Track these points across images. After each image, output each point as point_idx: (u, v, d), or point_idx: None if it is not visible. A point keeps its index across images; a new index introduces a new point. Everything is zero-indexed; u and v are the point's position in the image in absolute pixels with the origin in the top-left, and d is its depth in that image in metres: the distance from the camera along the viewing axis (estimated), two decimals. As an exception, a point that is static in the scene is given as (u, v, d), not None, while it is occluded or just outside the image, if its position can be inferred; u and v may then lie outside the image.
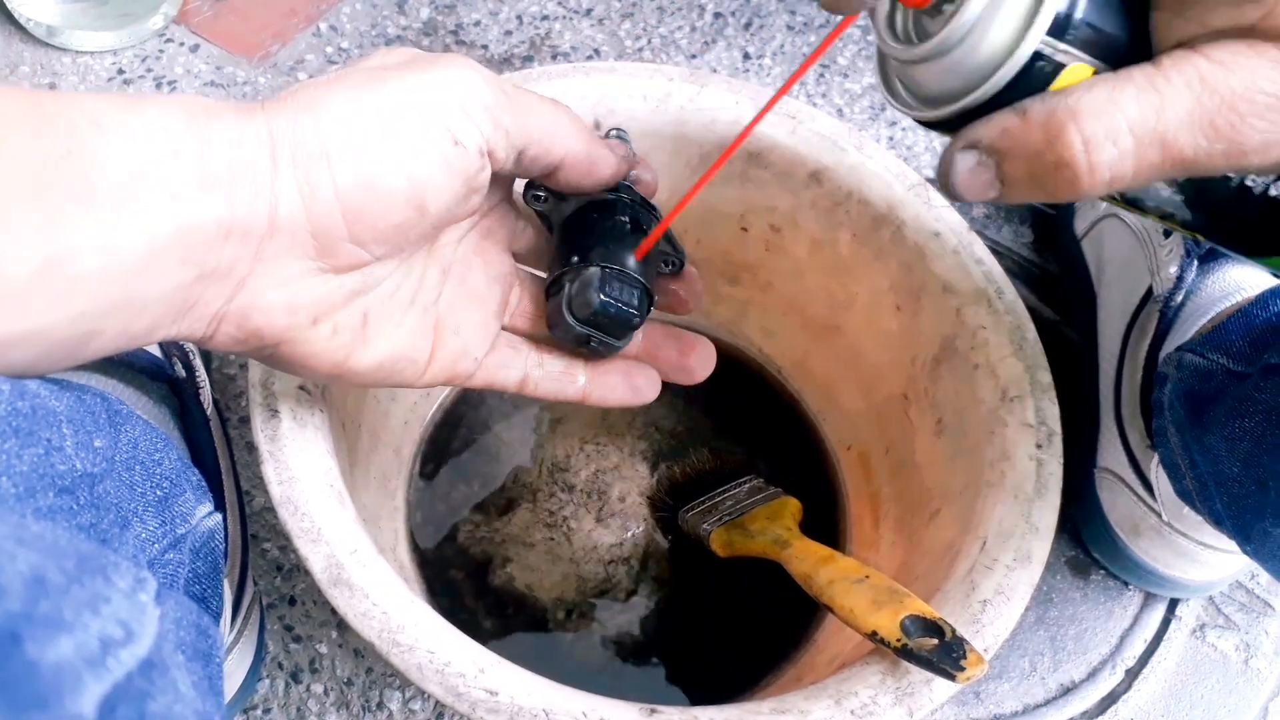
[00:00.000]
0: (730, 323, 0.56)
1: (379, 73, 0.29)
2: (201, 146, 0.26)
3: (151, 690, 0.22)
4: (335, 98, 0.28)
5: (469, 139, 0.29)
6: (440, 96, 0.29)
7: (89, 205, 0.24)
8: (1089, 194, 0.25)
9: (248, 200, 0.27)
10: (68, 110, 0.25)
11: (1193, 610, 0.54)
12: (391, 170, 0.28)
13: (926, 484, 0.45)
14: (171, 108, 0.26)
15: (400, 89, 0.29)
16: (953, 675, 0.32)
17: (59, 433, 0.27)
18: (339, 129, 0.28)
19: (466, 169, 0.30)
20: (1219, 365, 0.44)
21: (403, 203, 0.29)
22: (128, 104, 0.26)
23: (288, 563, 0.50)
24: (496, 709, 0.31)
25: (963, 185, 0.26)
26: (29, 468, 0.25)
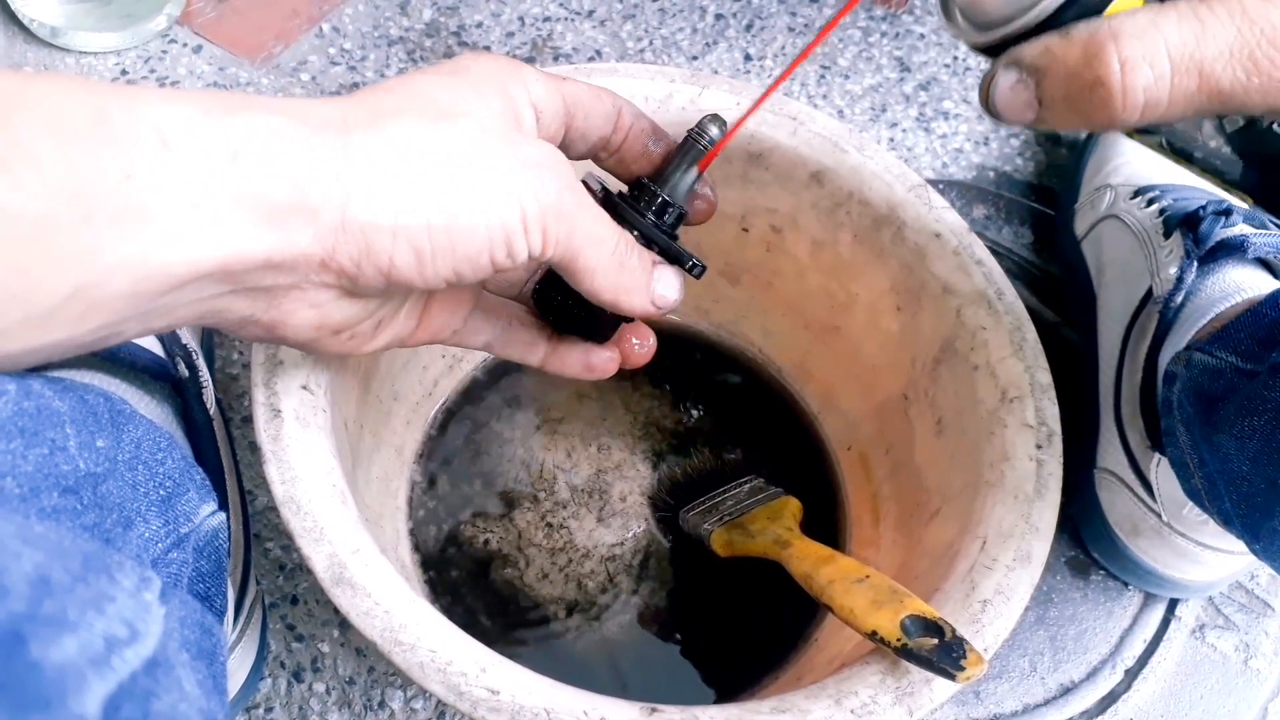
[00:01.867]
0: (731, 323, 0.56)
1: (455, 132, 0.29)
2: (268, 181, 0.25)
3: (156, 689, 0.22)
4: (409, 157, 0.28)
5: (519, 251, 0.29)
6: (508, 193, 0.29)
7: (136, 232, 0.24)
8: (1123, 119, 0.25)
9: (304, 243, 0.26)
10: (136, 122, 0.24)
11: (1192, 610, 0.54)
12: (443, 261, 0.29)
13: (926, 484, 0.45)
14: (247, 129, 0.25)
15: (473, 168, 0.28)
16: (953, 675, 0.32)
17: (63, 433, 0.27)
18: (408, 201, 0.27)
19: (508, 266, 0.30)
20: (1228, 364, 0.44)
21: (444, 279, 0.29)
22: (203, 115, 0.25)
23: (290, 562, 0.50)
24: (498, 708, 0.31)
25: (1002, 102, 0.27)
26: (34, 468, 0.26)
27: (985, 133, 0.70)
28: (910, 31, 0.74)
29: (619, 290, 0.32)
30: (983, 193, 0.68)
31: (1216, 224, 0.51)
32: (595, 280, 0.32)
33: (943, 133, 0.70)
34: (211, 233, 0.25)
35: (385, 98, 0.29)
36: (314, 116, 0.27)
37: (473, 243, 0.28)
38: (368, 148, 0.27)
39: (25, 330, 0.24)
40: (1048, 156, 0.70)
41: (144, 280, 0.24)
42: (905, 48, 0.73)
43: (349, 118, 0.28)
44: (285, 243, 0.26)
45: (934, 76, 0.72)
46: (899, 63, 0.73)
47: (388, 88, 0.29)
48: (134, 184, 0.23)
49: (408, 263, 0.28)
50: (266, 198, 0.25)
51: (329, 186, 0.26)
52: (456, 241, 0.28)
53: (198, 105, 0.25)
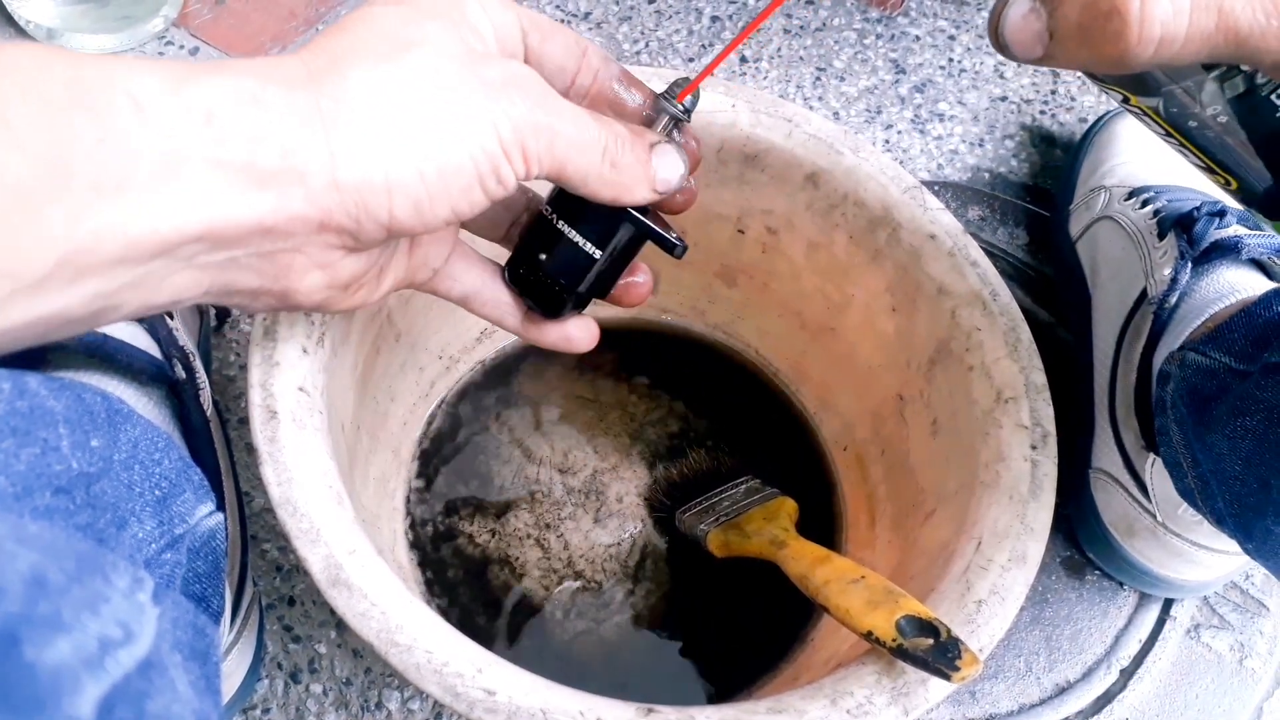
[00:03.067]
0: (727, 324, 0.56)
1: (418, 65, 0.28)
2: (250, 144, 0.25)
3: (150, 690, 0.22)
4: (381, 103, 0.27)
5: (507, 176, 0.30)
6: (481, 119, 0.28)
7: (117, 197, 0.24)
8: (1135, 53, 0.24)
9: (297, 206, 0.26)
10: (108, 88, 0.24)
11: (1187, 610, 0.54)
12: (441, 203, 0.29)
13: (922, 484, 0.45)
14: (219, 92, 0.25)
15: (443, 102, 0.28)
16: (948, 675, 0.32)
17: (56, 432, 0.27)
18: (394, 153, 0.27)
19: (502, 195, 0.30)
20: (1222, 364, 0.45)
21: (444, 220, 0.30)
22: (174, 81, 0.25)
23: (287, 563, 0.50)
24: (494, 709, 0.31)
25: (1012, 33, 0.27)
26: (26, 467, 0.25)
27: (980, 134, 0.70)
28: (905, 34, 0.75)
29: (618, 189, 0.32)
30: (978, 194, 0.68)
31: (1211, 225, 0.52)
32: (590, 185, 0.31)
33: (938, 134, 0.70)
34: (192, 195, 0.24)
35: (341, 38, 0.28)
36: (280, 74, 0.27)
37: (463, 178, 0.28)
38: (340, 101, 0.27)
39: (18, 302, 0.24)
40: (1042, 158, 0.70)
41: (131, 245, 0.24)
42: (900, 50, 0.74)
43: (312, 69, 0.27)
44: (277, 207, 0.26)
45: (929, 78, 0.72)
46: (894, 65, 0.73)
47: (342, 26, 0.29)
48: (108, 149, 0.23)
49: (407, 213, 0.28)
50: (251, 163, 0.25)
51: (314, 149, 0.26)
52: (449, 182, 0.28)
53: (170, 70, 0.25)
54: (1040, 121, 0.72)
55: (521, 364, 0.55)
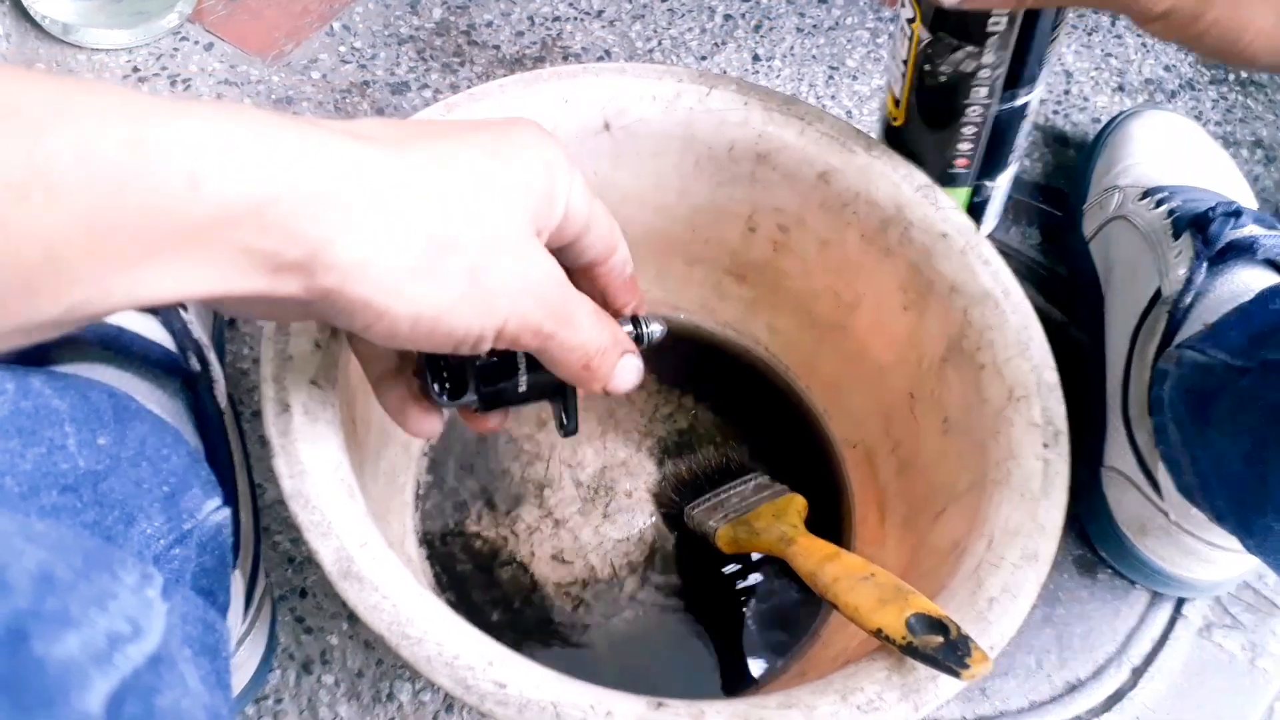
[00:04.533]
0: (737, 321, 0.56)
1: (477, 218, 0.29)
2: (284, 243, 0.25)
3: (159, 685, 0.22)
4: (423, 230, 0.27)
5: (484, 349, 0.30)
6: (499, 308, 0.29)
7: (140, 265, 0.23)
8: None
9: (293, 289, 0.26)
10: (166, 157, 0.23)
11: (1199, 610, 0.54)
12: (411, 343, 0.28)
13: (932, 482, 0.45)
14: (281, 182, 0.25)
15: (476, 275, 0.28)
16: (957, 673, 0.32)
17: (61, 431, 0.27)
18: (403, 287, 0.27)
19: None
20: (1219, 361, 0.44)
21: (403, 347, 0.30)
22: (238, 165, 0.24)
23: (299, 555, 0.50)
24: (505, 701, 0.31)
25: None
26: (32, 466, 0.25)
27: (994, 132, 0.70)
28: (919, 31, 0.74)
29: (579, 379, 0.33)
30: (991, 192, 0.67)
31: (1226, 225, 0.51)
32: (556, 368, 0.32)
33: (951, 132, 0.69)
34: (212, 274, 0.24)
35: (427, 158, 0.28)
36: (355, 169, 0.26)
37: (448, 338, 0.29)
38: (387, 216, 0.26)
39: (11, 336, 0.23)
40: (1055, 157, 0.70)
41: (136, 302, 0.24)
42: (914, 47, 0.73)
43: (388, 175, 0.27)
44: (277, 288, 0.26)
45: (942, 76, 0.72)
46: (907, 62, 0.73)
47: (434, 145, 0.29)
48: (148, 220, 0.23)
49: (380, 337, 0.28)
50: (275, 254, 0.25)
51: (341, 254, 0.26)
52: (435, 335, 0.28)
53: (245, 150, 0.24)
54: (1053, 121, 0.71)
55: (533, 360, 0.55)
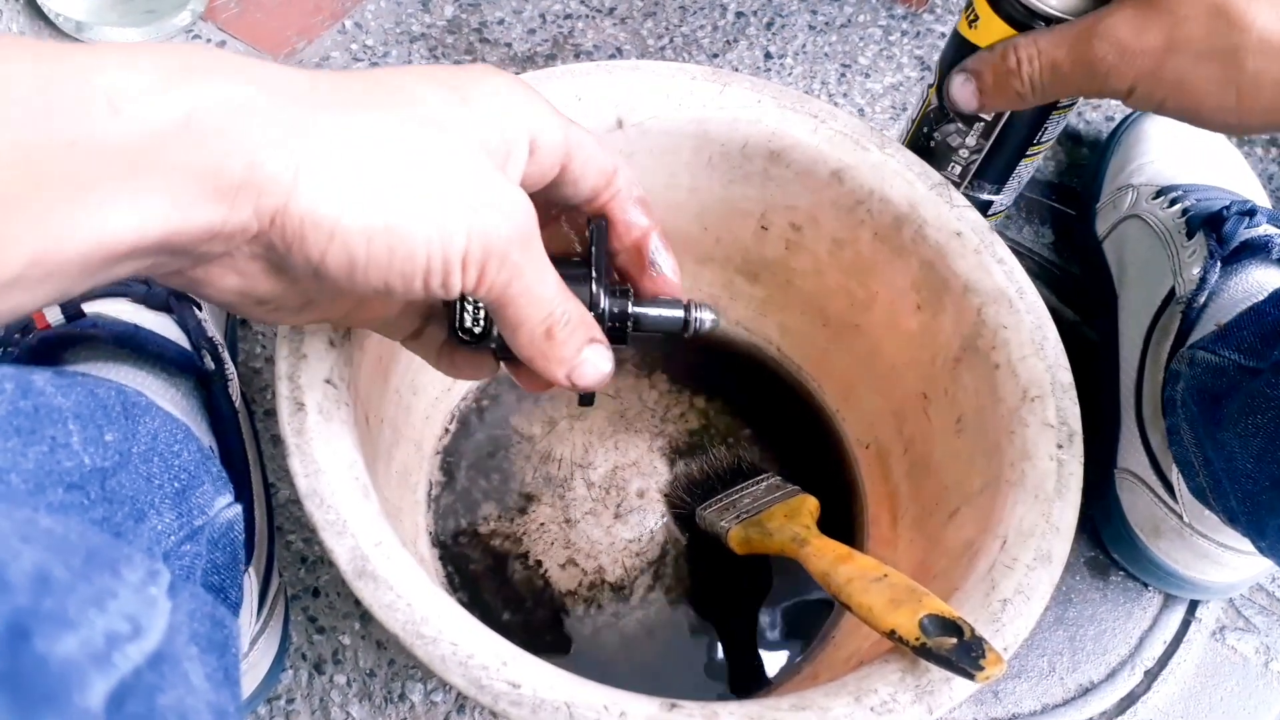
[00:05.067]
0: (749, 320, 0.56)
1: (429, 142, 0.28)
2: (222, 155, 0.25)
3: (161, 684, 0.22)
4: (369, 150, 0.27)
5: (453, 285, 0.29)
6: (460, 221, 0.28)
7: (85, 201, 0.23)
8: (1023, 92, 0.45)
9: (245, 217, 0.26)
10: (84, 87, 0.23)
11: (1212, 612, 0.54)
12: (375, 273, 0.28)
13: (945, 483, 0.45)
14: (205, 97, 0.24)
15: (433, 183, 0.27)
16: (971, 675, 0.32)
17: (64, 429, 0.27)
18: (353, 199, 0.26)
19: (439, 296, 0.29)
20: (1231, 362, 0.44)
21: (372, 290, 0.28)
22: (165, 80, 0.24)
23: (312, 555, 0.50)
24: (519, 701, 0.31)
25: (955, 96, 0.48)
26: (34, 465, 0.25)
27: (1006, 131, 0.70)
28: (931, 30, 0.74)
29: (535, 354, 0.32)
30: (1003, 191, 0.67)
31: (1240, 224, 0.51)
32: (517, 335, 0.31)
33: (963, 131, 0.69)
34: (156, 204, 0.24)
35: (373, 89, 0.28)
36: (286, 87, 0.26)
37: (410, 262, 0.27)
38: (330, 132, 0.26)
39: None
40: (1069, 156, 0.70)
41: (95, 248, 0.24)
42: (926, 46, 0.73)
43: (322, 97, 0.27)
44: (229, 217, 0.25)
45: (955, 74, 0.72)
46: (919, 61, 0.72)
47: (378, 79, 0.28)
48: (79, 151, 0.23)
49: (339, 265, 0.27)
50: (218, 172, 0.24)
51: (280, 167, 0.25)
52: (394, 256, 0.27)
53: (157, 70, 0.24)
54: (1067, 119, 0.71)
55: (544, 359, 0.55)
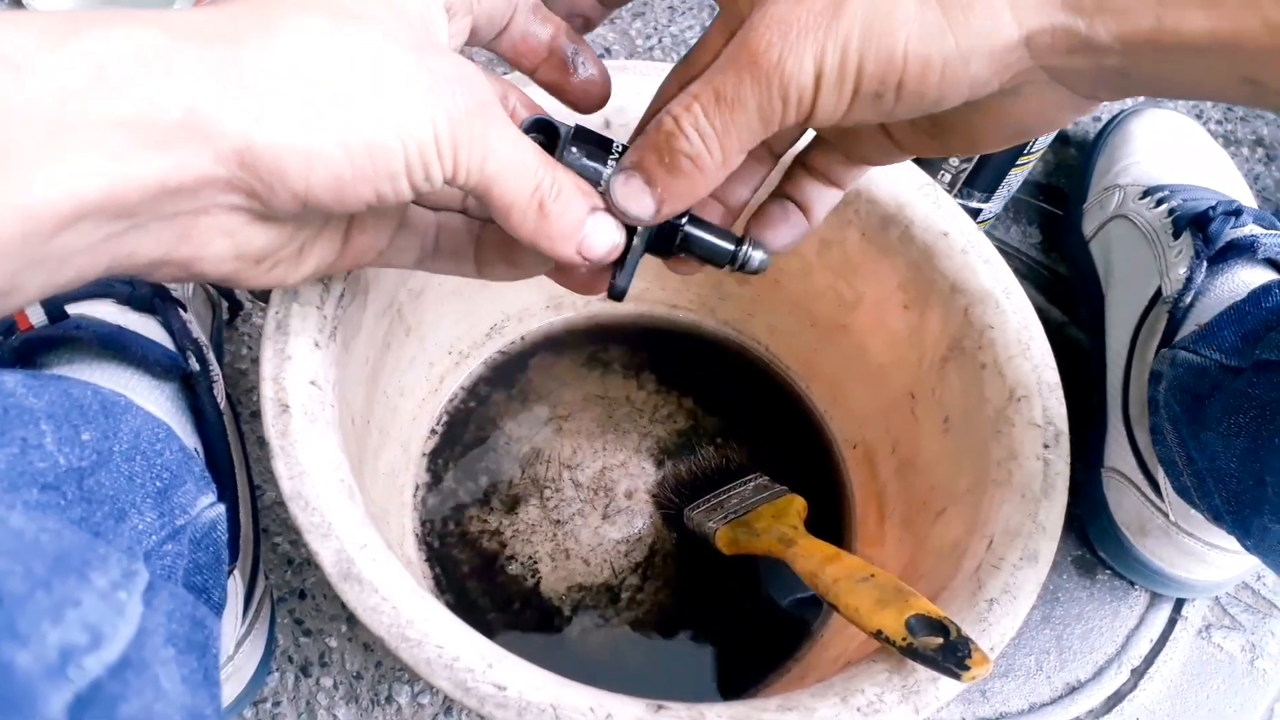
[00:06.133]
0: (737, 320, 0.56)
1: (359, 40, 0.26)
2: (148, 100, 0.23)
3: (125, 693, 0.21)
4: (311, 70, 0.25)
5: (435, 175, 0.28)
6: (421, 107, 0.26)
7: (5, 171, 0.22)
8: (698, 153, 0.29)
9: (204, 165, 0.24)
10: None
11: (1199, 611, 0.54)
12: (364, 184, 0.27)
13: (932, 483, 0.45)
14: (111, 45, 0.23)
15: (383, 82, 0.26)
16: (958, 675, 0.32)
17: (36, 430, 0.26)
18: (320, 122, 0.25)
19: (426, 190, 0.28)
20: (1213, 361, 0.44)
21: (365, 202, 0.27)
22: (55, 36, 0.22)
23: (298, 557, 0.50)
24: (505, 704, 0.31)
25: (622, 197, 0.31)
26: (6, 466, 0.25)
27: (994, 131, 0.70)
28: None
29: (538, 233, 0.30)
30: (991, 191, 0.67)
31: (1226, 224, 0.51)
32: (511, 217, 0.29)
33: (951, 131, 0.69)
34: (87, 159, 0.22)
35: (266, 8, 0.26)
36: (193, 28, 0.24)
37: (391, 162, 0.26)
38: (265, 61, 0.25)
39: None
40: (1056, 156, 0.70)
41: (29, 220, 0.22)
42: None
43: (238, 27, 0.25)
44: (180, 165, 0.24)
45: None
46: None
47: (260, 2, 0.26)
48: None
49: (326, 186, 0.26)
50: (148, 117, 0.23)
51: (225, 107, 0.24)
52: (376, 162, 0.26)
53: (50, 25, 0.22)
54: (1054, 119, 0.71)
55: (530, 360, 0.55)
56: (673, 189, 0.30)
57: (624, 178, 0.31)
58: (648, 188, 0.30)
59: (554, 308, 0.56)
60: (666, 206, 0.31)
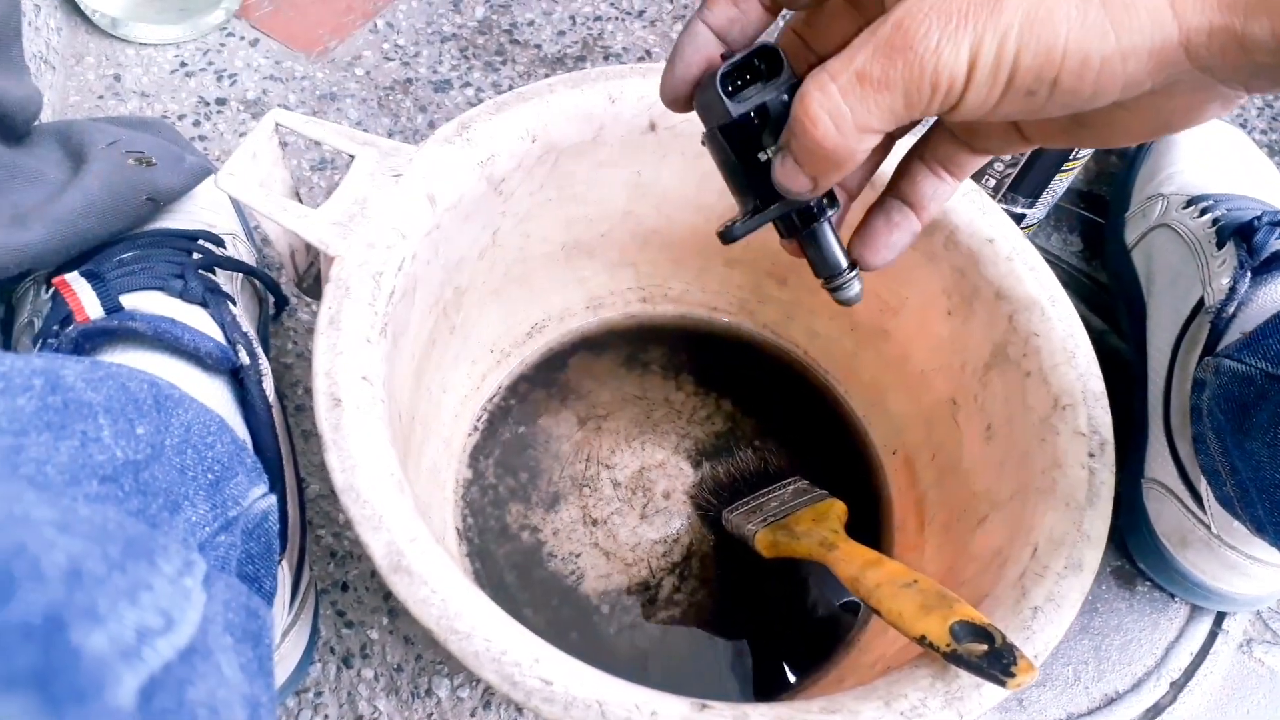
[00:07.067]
0: (776, 324, 0.56)
1: None
2: None
3: (192, 677, 0.22)
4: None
5: None
6: None
7: None
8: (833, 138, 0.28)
9: None
10: None
11: (1240, 625, 0.53)
12: None
13: (974, 490, 0.45)
14: None
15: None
16: (1003, 681, 0.32)
17: (95, 424, 0.27)
18: None
19: None
20: (1258, 370, 0.44)
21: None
22: None
23: (341, 549, 0.51)
24: (551, 698, 0.31)
25: (783, 177, 0.30)
26: (67, 459, 0.25)
27: (1035, 138, 0.69)
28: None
29: None
30: (1032, 199, 0.67)
31: (1271, 235, 0.51)
32: None
33: (992, 138, 0.69)
34: None
35: None
36: None
37: None
38: None
39: None
40: (1098, 164, 0.69)
41: None
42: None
43: None
44: None
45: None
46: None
47: None
48: None
49: None
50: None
51: None
52: None
53: None
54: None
55: (570, 359, 0.55)
56: (817, 168, 0.30)
57: (782, 156, 0.30)
58: (800, 167, 0.30)
59: (593, 308, 0.56)
60: (818, 181, 0.30)
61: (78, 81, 0.65)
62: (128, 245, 0.45)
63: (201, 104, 0.65)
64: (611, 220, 0.51)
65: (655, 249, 0.54)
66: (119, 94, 0.65)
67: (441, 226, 0.42)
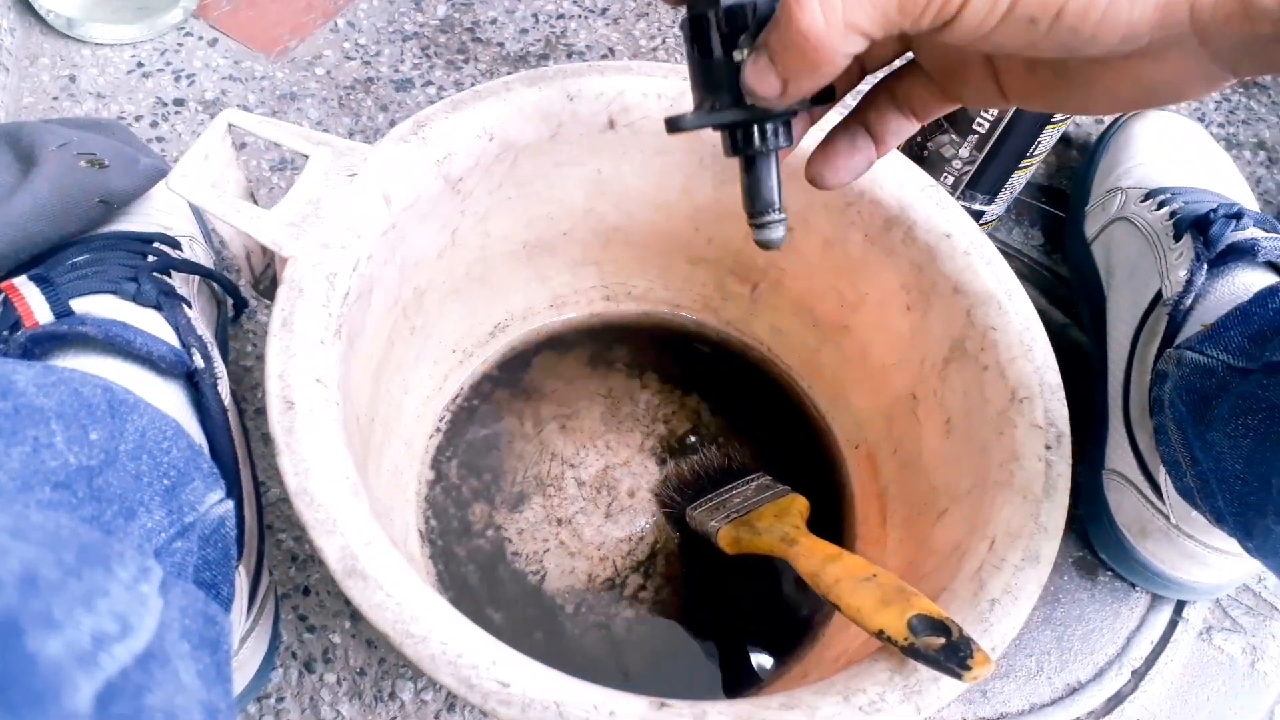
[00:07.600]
0: (740, 321, 0.56)
1: None
2: None
3: (149, 683, 0.22)
4: None
5: None
6: None
7: None
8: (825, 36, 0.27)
9: None
10: None
11: (1199, 613, 0.54)
12: None
13: (934, 483, 0.45)
14: None
15: None
16: (959, 674, 0.32)
17: (47, 430, 0.27)
18: None
19: None
20: (1219, 362, 0.45)
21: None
22: None
23: (302, 553, 0.50)
24: (508, 700, 0.31)
25: (753, 80, 0.29)
26: (19, 465, 0.25)
27: (997, 133, 0.70)
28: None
29: None
30: (993, 193, 0.67)
31: (1227, 227, 0.51)
32: None
33: (954, 133, 0.69)
34: None
35: None
36: None
37: None
38: None
39: None
40: (1058, 158, 0.70)
41: None
42: (917, 47, 0.73)
43: None
44: None
45: (946, 77, 0.72)
46: (911, 62, 0.73)
47: None
48: None
49: None
50: None
51: None
52: None
53: None
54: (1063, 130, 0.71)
55: (534, 359, 0.55)
56: (796, 67, 0.28)
57: (756, 55, 0.29)
58: (772, 66, 0.28)
59: (557, 307, 0.56)
60: (790, 88, 0.28)
61: (32, 83, 0.64)
62: (81, 248, 0.44)
63: (159, 105, 0.64)
64: (573, 218, 0.51)
65: (618, 247, 0.53)
66: (74, 95, 0.64)
67: (398, 226, 0.42)
